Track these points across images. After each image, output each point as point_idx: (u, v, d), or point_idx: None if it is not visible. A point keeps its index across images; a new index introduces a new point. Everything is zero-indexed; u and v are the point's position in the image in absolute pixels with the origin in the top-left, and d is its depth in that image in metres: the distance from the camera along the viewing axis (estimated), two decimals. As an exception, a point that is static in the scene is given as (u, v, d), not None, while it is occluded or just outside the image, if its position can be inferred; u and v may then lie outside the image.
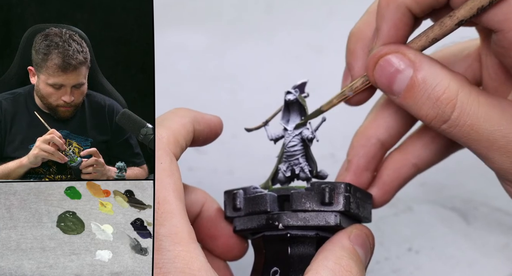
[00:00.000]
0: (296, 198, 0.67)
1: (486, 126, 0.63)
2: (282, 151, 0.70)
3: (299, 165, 0.70)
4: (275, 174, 0.71)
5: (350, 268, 0.63)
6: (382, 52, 0.64)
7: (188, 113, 0.70)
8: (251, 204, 0.68)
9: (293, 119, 0.70)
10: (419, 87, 0.63)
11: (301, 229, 0.67)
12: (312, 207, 0.66)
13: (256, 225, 0.68)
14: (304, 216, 0.66)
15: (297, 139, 0.70)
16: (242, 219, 0.69)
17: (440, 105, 0.63)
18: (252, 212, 0.68)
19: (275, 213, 0.67)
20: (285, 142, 0.70)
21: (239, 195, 0.69)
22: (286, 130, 0.70)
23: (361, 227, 0.68)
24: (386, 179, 0.72)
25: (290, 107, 0.70)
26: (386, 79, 0.64)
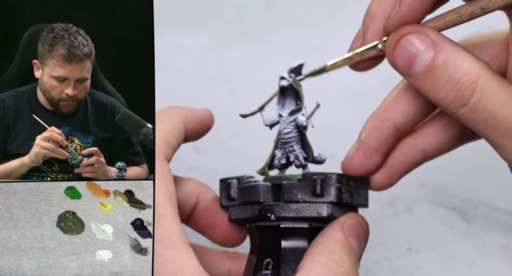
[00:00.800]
0: (287, 189, 0.66)
1: (506, 113, 0.61)
2: (278, 137, 0.70)
3: (294, 152, 0.69)
4: (271, 160, 0.70)
5: (343, 262, 0.63)
6: (404, 32, 0.63)
7: (178, 111, 0.70)
8: (245, 194, 0.68)
9: (288, 104, 0.69)
10: (440, 68, 0.62)
11: (293, 220, 0.66)
12: (304, 198, 0.66)
13: (249, 215, 0.68)
14: (296, 208, 0.66)
15: (291, 126, 0.69)
16: (236, 208, 0.69)
17: (460, 88, 0.62)
18: (245, 202, 0.68)
19: (267, 204, 0.67)
20: (280, 129, 0.69)
21: (233, 185, 0.69)
22: (281, 116, 0.69)
23: (355, 216, 0.67)
24: (393, 162, 0.70)
25: (285, 93, 0.69)
26: (406, 60, 0.63)
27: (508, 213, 0.88)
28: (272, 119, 0.70)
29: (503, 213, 0.88)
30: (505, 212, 0.88)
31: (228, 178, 0.70)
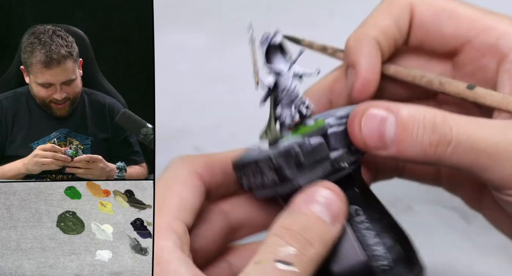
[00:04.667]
0: (336, 137, 0.65)
1: (487, 135, 0.63)
2: (275, 97, 0.66)
3: (304, 104, 0.67)
4: (281, 124, 0.67)
5: (290, 226, 0.62)
6: (361, 109, 0.64)
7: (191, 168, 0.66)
8: (311, 155, 0.64)
9: (277, 61, 0.68)
10: (410, 122, 0.63)
11: (355, 163, 0.66)
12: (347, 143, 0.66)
13: (321, 174, 0.65)
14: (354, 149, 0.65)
15: (295, 79, 0.67)
16: (304, 174, 0.64)
17: (438, 128, 0.63)
18: (314, 162, 0.64)
19: (337, 156, 0.65)
20: (285, 86, 0.66)
21: (298, 152, 0.63)
22: (278, 74, 0.66)
23: (325, 184, 0.65)
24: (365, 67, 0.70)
25: (270, 53, 0.66)
26: (376, 131, 0.64)
27: (508, 213, 0.88)
28: (269, 81, 0.66)
29: (503, 213, 0.88)
30: (505, 212, 0.88)
31: (249, 156, 0.65)
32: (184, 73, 1.03)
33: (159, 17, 0.67)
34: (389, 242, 0.66)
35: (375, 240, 0.66)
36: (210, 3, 1.08)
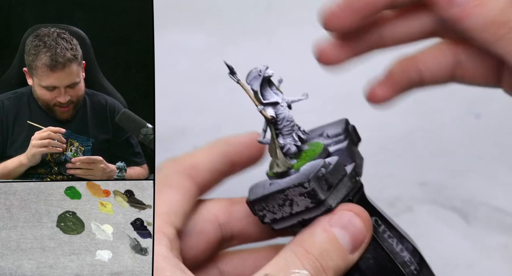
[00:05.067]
0: (343, 154, 0.66)
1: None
2: (275, 127, 0.67)
3: (299, 129, 0.68)
4: (285, 153, 0.67)
5: (311, 250, 0.63)
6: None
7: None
8: (334, 175, 0.65)
9: (268, 93, 0.68)
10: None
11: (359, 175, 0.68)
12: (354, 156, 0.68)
13: (346, 191, 0.66)
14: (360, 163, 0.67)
15: (286, 108, 0.67)
16: (333, 195, 0.65)
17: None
18: (338, 181, 0.65)
19: (352, 170, 0.66)
20: (284, 116, 0.67)
21: (326, 173, 0.64)
22: (277, 103, 0.67)
23: (350, 206, 0.65)
24: (393, 75, 0.71)
25: (262, 85, 0.67)
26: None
27: (508, 213, 0.88)
28: (271, 114, 0.67)
29: (503, 213, 0.88)
30: (505, 212, 0.88)
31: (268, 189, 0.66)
32: (184, 73, 1.03)
33: (159, 17, 0.67)
34: (410, 246, 0.67)
35: (399, 247, 0.66)
36: (210, 3, 1.08)
